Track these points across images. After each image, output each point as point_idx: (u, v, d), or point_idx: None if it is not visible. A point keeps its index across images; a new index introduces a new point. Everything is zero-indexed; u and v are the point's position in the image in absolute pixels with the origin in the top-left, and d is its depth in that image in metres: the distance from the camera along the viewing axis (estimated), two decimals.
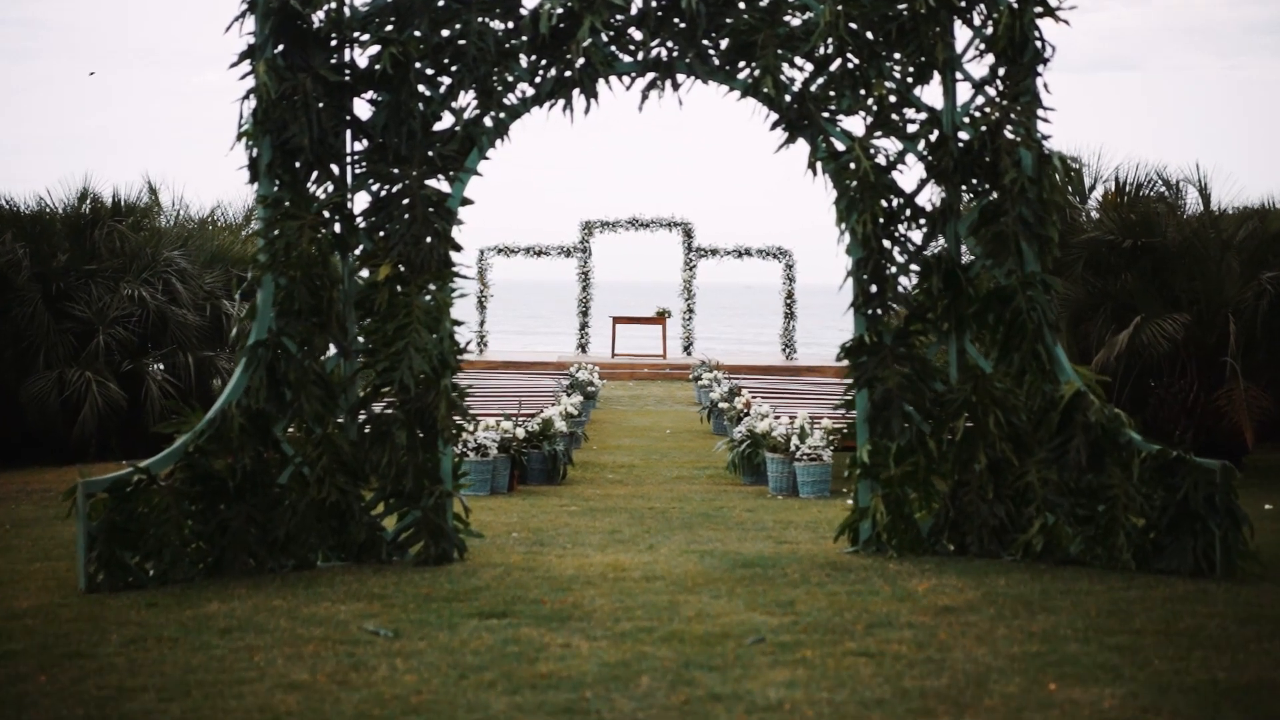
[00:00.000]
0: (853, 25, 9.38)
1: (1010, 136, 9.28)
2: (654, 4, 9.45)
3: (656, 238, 35.91)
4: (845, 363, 9.49)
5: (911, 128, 9.48)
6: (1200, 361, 16.79)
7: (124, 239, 18.38)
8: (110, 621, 7.50)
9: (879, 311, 9.45)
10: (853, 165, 9.41)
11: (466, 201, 9.57)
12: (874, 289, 9.45)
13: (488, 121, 9.53)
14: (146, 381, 17.46)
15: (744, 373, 29.17)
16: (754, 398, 19.67)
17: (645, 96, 9.56)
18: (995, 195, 9.34)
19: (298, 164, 9.29)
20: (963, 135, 9.45)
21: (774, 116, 9.56)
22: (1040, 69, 9.33)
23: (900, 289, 9.45)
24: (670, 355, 34.98)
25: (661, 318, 35.08)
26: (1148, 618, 7.40)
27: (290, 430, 9.26)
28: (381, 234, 9.40)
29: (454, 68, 9.43)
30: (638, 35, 9.51)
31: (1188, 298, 16.73)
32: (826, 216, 9.60)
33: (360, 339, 9.43)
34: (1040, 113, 9.31)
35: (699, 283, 35.87)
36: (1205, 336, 16.70)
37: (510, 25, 9.48)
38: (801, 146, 9.63)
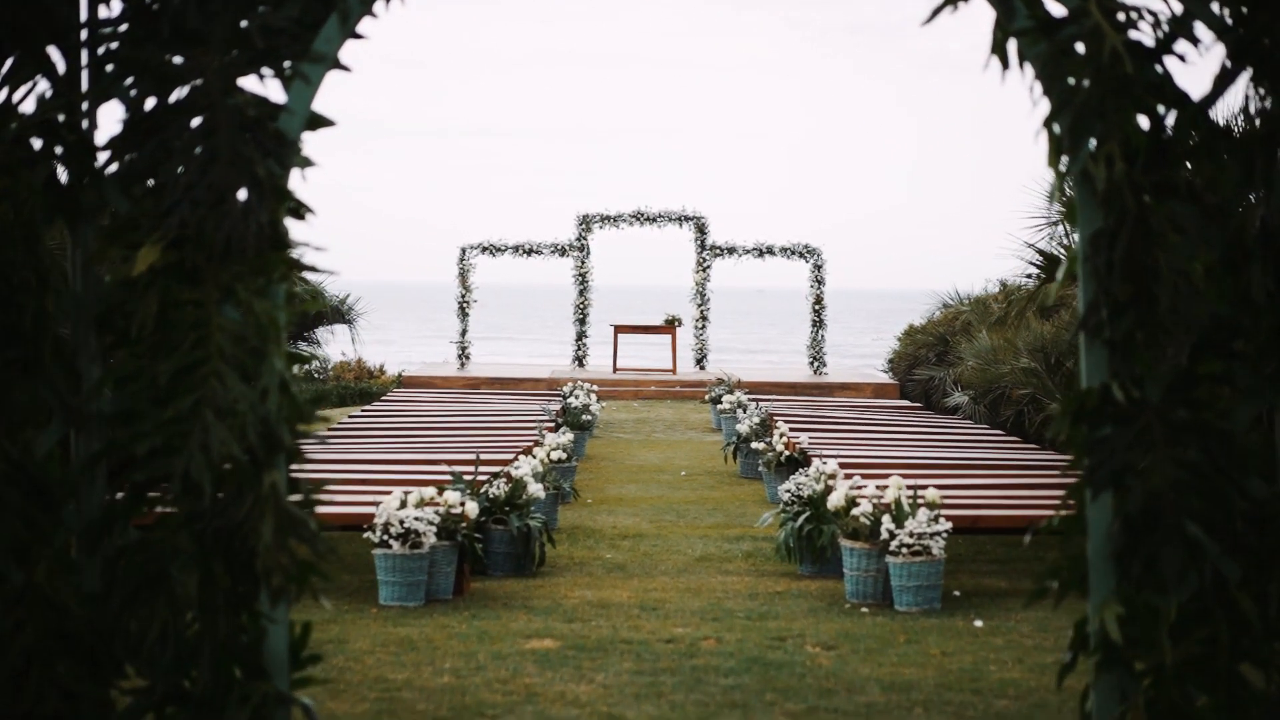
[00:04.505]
0: None
1: None
2: None
3: (665, 234, 31.13)
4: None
5: None
6: None
7: None
8: None
9: (1137, 337, 4.75)
10: (1082, 45, 4.74)
11: (320, 121, 4.90)
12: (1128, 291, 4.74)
13: None
14: None
15: (767, 391, 24.60)
16: (791, 429, 15.04)
17: None
18: None
19: None
20: None
21: None
22: None
23: (1180, 291, 4.76)
24: (681, 370, 30.24)
25: (670, 326, 30.24)
26: None
27: None
28: (150, 183, 4.75)
29: None
30: None
31: None
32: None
33: (107, 392, 4.79)
34: None
35: (713, 286, 31.12)
36: None
37: None
38: (970, 22, 5.01)
